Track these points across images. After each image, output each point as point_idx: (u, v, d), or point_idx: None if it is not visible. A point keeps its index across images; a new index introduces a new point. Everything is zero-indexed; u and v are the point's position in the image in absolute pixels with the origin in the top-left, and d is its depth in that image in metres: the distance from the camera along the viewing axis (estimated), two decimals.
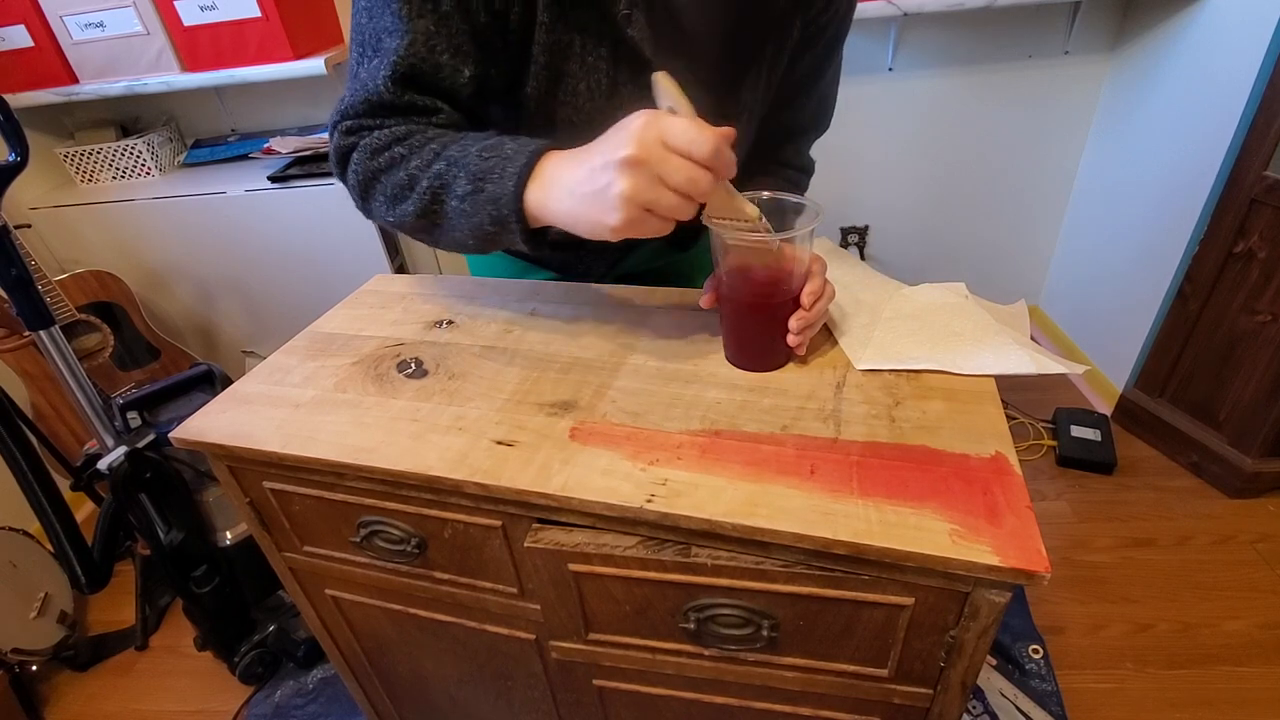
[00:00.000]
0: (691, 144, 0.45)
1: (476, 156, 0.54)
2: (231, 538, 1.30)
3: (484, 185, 0.53)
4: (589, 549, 0.53)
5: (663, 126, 0.46)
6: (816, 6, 0.65)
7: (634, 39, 0.58)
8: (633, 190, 0.46)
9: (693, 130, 0.45)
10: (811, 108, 0.78)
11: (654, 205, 0.47)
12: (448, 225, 0.57)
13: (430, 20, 0.55)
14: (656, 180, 0.46)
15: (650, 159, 0.46)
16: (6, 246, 1.02)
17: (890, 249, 2.16)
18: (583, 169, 0.49)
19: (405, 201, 0.58)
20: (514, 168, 0.52)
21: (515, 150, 0.53)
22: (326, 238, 1.74)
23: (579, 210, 0.50)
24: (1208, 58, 1.51)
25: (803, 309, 0.58)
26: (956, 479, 0.49)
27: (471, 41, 0.57)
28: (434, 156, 0.56)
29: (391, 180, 0.58)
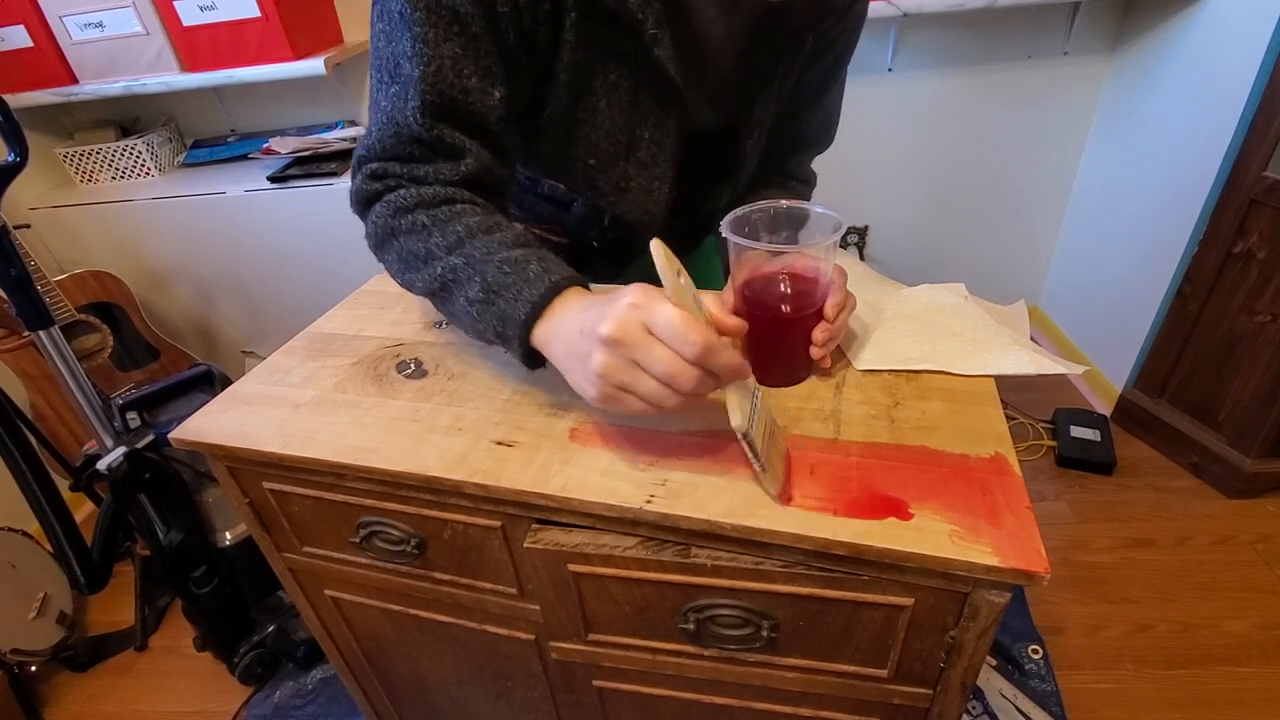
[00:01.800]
0: (676, 341, 0.42)
1: (496, 266, 0.52)
2: (231, 538, 1.30)
3: (496, 300, 0.51)
4: (589, 549, 0.53)
5: (649, 312, 0.42)
6: (828, 21, 0.65)
7: (660, 58, 0.58)
8: (606, 370, 0.44)
9: (679, 325, 0.41)
10: (816, 121, 0.78)
11: (630, 388, 0.44)
12: (450, 312, 0.57)
13: (457, 44, 0.53)
14: (633, 365, 0.44)
15: (628, 342, 0.43)
16: (6, 246, 1.02)
17: (890, 249, 2.17)
18: (577, 327, 0.47)
19: (416, 273, 0.57)
20: (530, 294, 0.50)
21: (537, 275, 0.51)
22: (326, 238, 1.74)
23: (567, 368, 0.49)
24: (1207, 58, 1.51)
25: (826, 321, 0.57)
26: (956, 479, 0.49)
27: (500, 62, 0.55)
28: (455, 243, 0.54)
29: (408, 246, 0.56)
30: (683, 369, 0.42)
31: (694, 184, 0.73)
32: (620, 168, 0.66)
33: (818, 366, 0.61)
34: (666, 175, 0.68)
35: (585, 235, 0.78)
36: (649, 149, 0.65)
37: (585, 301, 0.50)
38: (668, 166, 0.67)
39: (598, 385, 0.45)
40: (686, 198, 0.72)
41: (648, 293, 0.44)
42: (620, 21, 0.56)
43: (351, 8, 1.78)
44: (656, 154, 0.66)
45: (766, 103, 0.68)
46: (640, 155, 0.65)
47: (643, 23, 0.55)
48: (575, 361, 0.47)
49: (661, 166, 0.67)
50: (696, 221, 0.80)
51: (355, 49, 1.78)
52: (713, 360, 0.42)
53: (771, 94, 0.68)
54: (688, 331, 0.41)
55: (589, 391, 0.47)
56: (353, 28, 1.81)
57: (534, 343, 0.51)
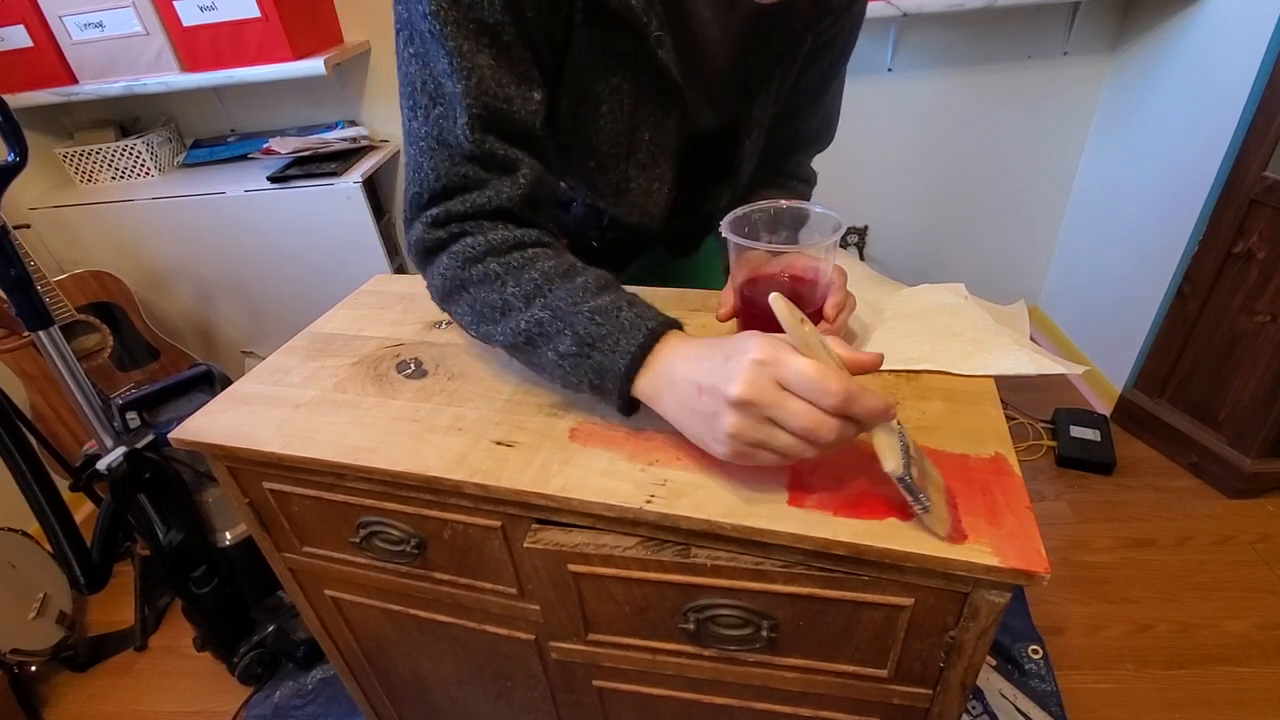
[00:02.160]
0: (814, 394, 0.40)
1: (587, 317, 0.50)
2: (231, 538, 1.30)
3: (591, 353, 0.50)
4: (589, 549, 0.53)
5: (780, 368, 0.41)
6: (826, 21, 0.65)
7: (664, 60, 0.58)
8: (738, 431, 0.43)
9: (815, 376, 0.40)
10: (816, 121, 0.78)
11: (766, 445, 0.43)
12: (536, 364, 0.55)
13: (490, 54, 0.52)
14: (767, 422, 0.42)
15: (761, 402, 0.41)
16: (6, 247, 1.02)
17: (890, 250, 2.17)
18: (693, 381, 0.45)
19: (493, 324, 0.55)
20: (629, 345, 0.49)
21: (631, 323, 0.49)
22: (326, 238, 1.74)
23: (688, 426, 0.48)
24: (1207, 58, 1.51)
25: (827, 321, 0.57)
26: (956, 479, 0.49)
27: (534, 65, 0.55)
28: (534, 290, 0.52)
29: (481, 297, 0.54)
30: (823, 421, 0.41)
31: (693, 185, 0.73)
32: (620, 169, 0.66)
33: None
34: (666, 176, 0.68)
35: (584, 236, 0.78)
36: (649, 150, 0.65)
37: (693, 350, 0.47)
38: (667, 168, 0.67)
39: (729, 445, 0.44)
40: (686, 198, 0.73)
41: (773, 344, 0.42)
42: (625, 24, 0.56)
43: (351, 8, 1.78)
44: (656, 155, 0.66)
45: (765, 103, 0.68)
46: (640, 157, 0.66)
47: (647, 25, 0.55)
48: (698, 420, 0.46)
49: (661, 168, 0.67)
50: (696, 222, 0.80)
51: (355, 49, 1.78)
52: (855, 408, 0.41)
53: (770, 94, 0.68)
54: (826, 382, 0.40)
55: (718, 450, 0.45)
56: (353, 28, 1.81)
57: (636, 394, 0.50)
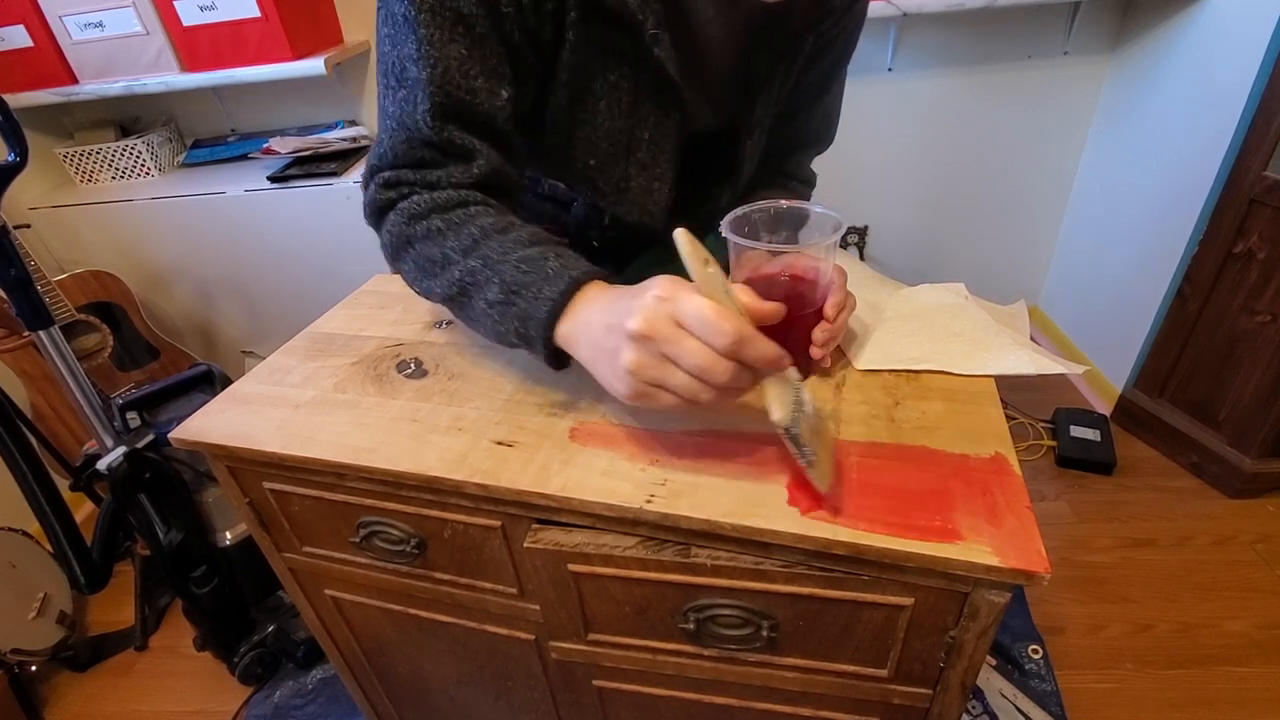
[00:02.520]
0: (707, 333, 0.40)
1: (514, 265, 0.51)
2: (231, 538, 1.30)
3: (515, 300, 0.50)
4: (589, 549, 0.53)
5: (677, 304, 0.41)
6: (828, 21, 0.65)
7: (661, 59, 0.58)
8: (636, 366, 0.43)
9: (709, 316, 0.40)
10: (816, 122, 0.78)
11: (662, 384, 0.43)
12: (470, 317, 0.56)
13: (462, 45, 0.52)
14: (664, 359, 0.42)
15: (657, 336, 0.42)
16: (6, 246, 1.02)
17: (890, 249, 2.17)
18: (602, 323, 0.46)
19: (433, 279, 0.56)
20: (551, 292, 0.49)
21: (556, 272, 0.50)
22: (326, 238, 1.74)
23: (596, 366, 0.48)
24: (1207, 58, 1.51)
25: (826, 321, 0.57)
26: (956, 479, 0.49)
27: (506, 62, 0.55)
28: (471, 244, 0.53)
29: (424, 253, 0.56)
30: (716, 361, 0.41)
31: (694, 185, 0.73)
32: (620, 168, 0.66)
33: (818, 366, 0.61)
34: (666, 176, 0.68)
35: (585, 235, 0.78)
36: (649, 149, 0.65)
37: (609, 296, 0.48)
38: (667, 167, 0.67)
39: (628, 382, 0.44)
40: (686, 198, 0.72)
41: (675, 284, 0.42)
42: (621, 21, 0.55)
43: (351, 8, 1.78)
44: (656, 154, 0.66)
45: (766, 103, 0.68)
46: (640, 156, 0.65)
47: (643, 23, 0.55)
48: (603, 358, 0.46)
49: (661, 167, 0.67)
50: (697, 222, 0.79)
51: (355, 49, 1.78)
52: (747, 351, 0.41)
53: (771, 94, 0.68)
54: (719, 322, 0.40)
55: (619, 389, 0.46)
56: (353, 28, 1.81)
57: (558, 341, 0.50)
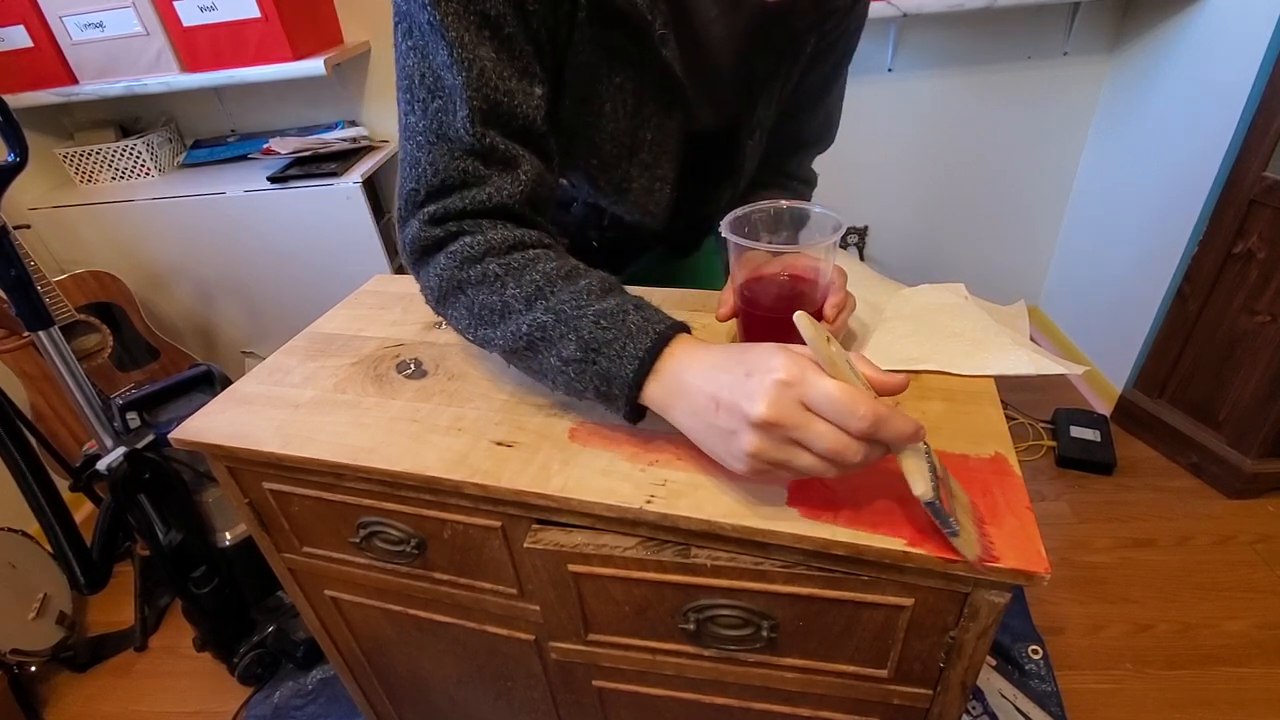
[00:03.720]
0: (841, 417, 0.39)
1: (592, 321, 0.48)
2: (231, 538, 1.30)
3: (596, 359, 0.48)
4: (588, 550, 0.53)
5: (806, 389, 0.40)
6: (830, 21, 0.65)
7: (668, 60, 0.57)
8: (759, 450, 0.41)
9: (843, 400, 0.39)
10: (817, 122, 0.78)
11: (786, 465, 0.42)
12: (537, 370, 0.53)
13: (491, 47, 0.50)
14: (791, 443, 0.41)
15: (786, 424, 0.40)
16: (6, 247, 1.02)
17: (890, 249, 2.17)
18: (709, 394, 0.44)
19: (492, 328, 0.53)
20: (636, 350, 0.47)
21: (639, 327, 0.48)
22: (326, 238, 1.74)
23: (703, 439, 0.46)
24: (1207, 58, 1.51)
25: (826, 321, 0.57)
26: (956, 479, 0.49)
27: (535, 60, 0.53)
28: (535, 293, 0.50)
29: (480, 299, 0.52)
30: (849, 444, 0.40)
31: (695, 185, 0.73)
32: (622, 168, 0.66)
33: None
34: (668, 176, 0.68)
35: (584, 235, 0.78)
36: (651, 150, 0.65)
37: (709, 361, 0.46)
38: (669, 168, 0.67)
39: (748, 464, 0.43)
40: (688, 198, 0.72)
41: (799, 364, 0.41)
42: (629, 22, 0.55)
43: (351, 8, 1.78)
44: (658, 155, 0.66)
45: (768, 104, 0.68)
46: (642, 156, 0.65)
47: (651, 23, 0.55)
48: (714, 435, 0.44)
49: (663, 168, 0.67)
50: (697, 222, 0.79)
51: (355, 49, 1.78)
52: (884, 432, 0.39)
53: (773, 95, 0.68)
54: (855, 406, 0.39)
55: (736, 467, 0.44)
56: (353, 28, 1.81)
57: (645, 401, 0.49)
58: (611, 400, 0.49)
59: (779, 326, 0.59)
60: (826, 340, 0.41)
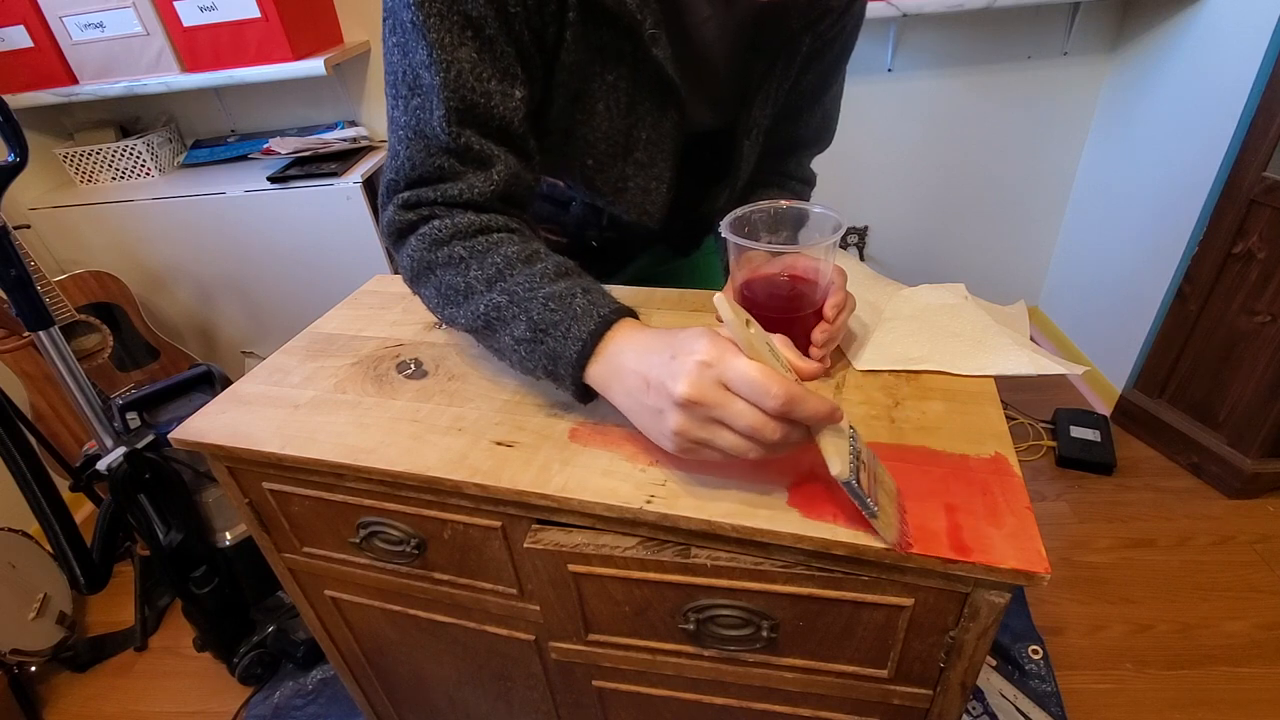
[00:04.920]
0: (756, 395, 0.41)
1: (541, 303, 0.51)
2: (231, 538, 1.30)
3: (544, 339, 0.50)
4: (588, 550, 0.53)
5: (724, 369, 0.41)
6: (826, 21, 0.65)
7: (659, 59, 0.57)
8: (683, 429, 0.43)
9: (758, 379, 0.40)
10: (815, 122, 0.78)
11: (710, 444, 0.44)
12: (496, 349, 0.56)
13: (473, 48, 0.52)
14: (711, 422, 0.43)
15: (705, 402, 0.42)
16: (6, 247, 1.02)
17: (890, 250, 2.17)
18: (641, 374, 0.46)
19: (455, 308, 0.56)
20: (580, 331, 0.49)
21: (584, 310, 0.50)
22: (326, 238, 1.74)
23: (638, 418, 0.48)
24: (1207, 59, 1.51)
25: (826, 321, 0.57)
26: (956, 480, 0.49)
27: (517, 62, 0.54)
28: (495, 275, 0.53)
29: (446, 280, 0.55)
30: (766, 423, 0.41)
31: (692, 185, 0.73)
32: (618, 168, 0.66)
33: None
34: (664, 176, 0.68)
35: (583, 235, 0.78)
36: (646, 150, 0.65)
37: (644, 342, 0.48)
38: (665, 167, 0.67)
39: (674, 442, 0.45)
40: (685, 198, 0.73)
41: (720, 346, 0.42)
42: (619, 22, 0.55)
43: (351, 8, 1.78)
44: (654, 155, 0.66)
45: (764, 103, 0.68)
46: (638, 156, 0.66)
47: (641, 23, 0.55)
48: (646, 414, 0.47)
49: (659, 167, 0.67)
50: (696, 221, 0.79)
51: (355, 49, 1.78)
52: (798, 411, 0.41)
53: (769, 94, 0.68)
54: (768, 384, 0.40)
55: (665, 445, 0.46)
56: (353, 28, 1.81)
57: (588, 381, 0.50)
58: (559, 380, 0.52)
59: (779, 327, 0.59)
60: (746, 323, 0.42)
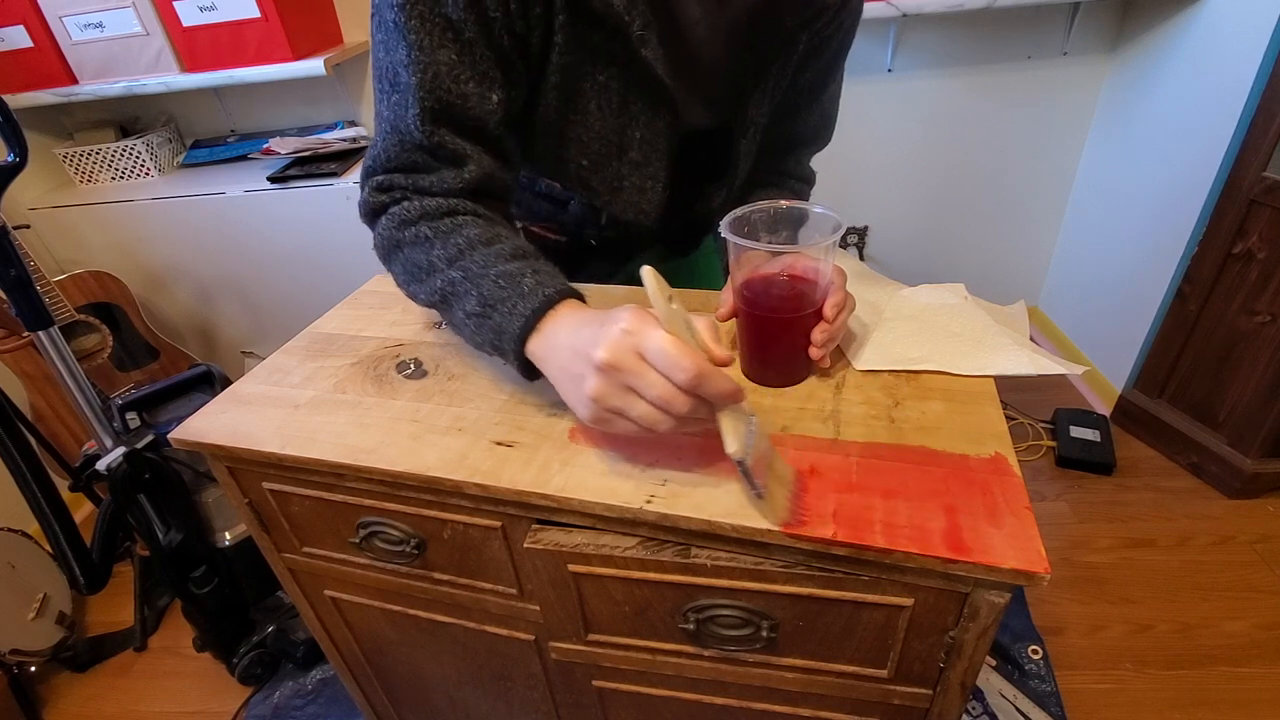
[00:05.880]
0: (667, 368, 0.42)
1: (493, 280, 0.53)
2: (230, 538, 1.30)
3: (491, 314, 0.53)
4: (588, 550, 0.53)
5: (642, 339, 0.43)
6: (822, 19, 0.65)
7: (648, 59, 0.58)
8: (598, 394, 0.45)
9: (671, 352, 0.42)
10: (814, 120, 0.78)
11: (623, 412, 0.45)
12: (452, 323, 0.58)
13: (452, 50, 0.53)
14: (626, 390, 0.44)
15: (622, 368, 0.44)
16: (5, 247, 1.02)
17: (890, 250, 2.17)
18: (571, 346, 0.48)
19: (418, 284, 0.58)
20: (524, 308, 0.51)
21: (531, 289, 0.52)
22: (326, 238, 1.74)
23: (563, 387, 0.50)
24: (1207, 59, 1.51)
25: (826, 321, 0.57)
26: (956, 480, 0.49)
27: (496, 66, 0.56)
28: (456, 254, 0.55)
29: (412, 258, 0.58)
30: (675, 395, 0.43)
31: (689, 184, 0.73)
32: (613, 168, 0.66)
33: (817, 366, 0.61)
34: (660, 175, 0.68)
35: (582, 233, 0.78)
36: (641, 149, 0.65)
37: (580, 318, 0.50)
38: (660, 166, 0.67)
39: (590, 407, 0.46)
40: (682, 197, 0.72)
41: (641, 318, 0.44)
42: (607, 23, 0.56)
43: (351, 8, 1.78)
44: (649, 154, 0.66)
45: (760, 102, 0.68)
46: (632, 155, 0.66)
47: (629, 24, 0.55)
48: (569, 381, 0.48)
49: (654, 166, 0.67)
50: (694, 221, 0.79)
51: (355, 49, 1.78)
52: (705, 387, 0.43)
53: (766, 93, 0.68)
54: (679, 358, 0.42)
55: (581, 412, 0.48)
56: (352, 28, 1.81)
57: (529, 355, 0.52)
58: (504, 354, 0.54)
59: (779, 327, 0.59)
60: (668, 299, 0.44)
